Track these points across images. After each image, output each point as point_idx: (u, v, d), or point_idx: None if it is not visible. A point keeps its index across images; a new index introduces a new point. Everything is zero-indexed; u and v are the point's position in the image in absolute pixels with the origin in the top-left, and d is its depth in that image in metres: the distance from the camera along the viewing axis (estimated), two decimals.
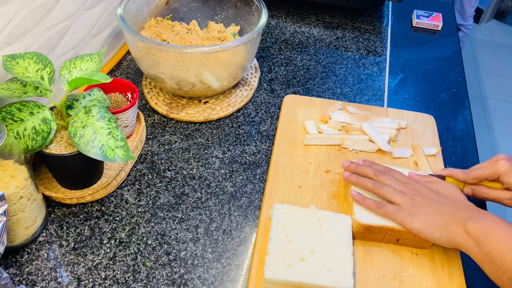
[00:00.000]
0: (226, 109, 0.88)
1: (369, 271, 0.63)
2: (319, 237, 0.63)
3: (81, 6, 0.82)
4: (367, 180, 0.68)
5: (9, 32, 0.66)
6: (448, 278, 0.62)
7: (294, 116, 0.86)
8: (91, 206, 0.71)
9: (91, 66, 0.69)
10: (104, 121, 0.63)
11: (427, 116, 0.87)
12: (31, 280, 0.61)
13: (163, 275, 0.63)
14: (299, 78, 0.98)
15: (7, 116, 0.61)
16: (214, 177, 0.76)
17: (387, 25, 1.18)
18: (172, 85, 0.84)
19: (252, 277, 0.61)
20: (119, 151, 0.62)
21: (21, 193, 0.60)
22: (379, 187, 0.66)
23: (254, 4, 0.90)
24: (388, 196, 0.65)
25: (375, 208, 0.65)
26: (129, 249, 0.65)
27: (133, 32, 0.78)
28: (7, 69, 0.63)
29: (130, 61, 1.00)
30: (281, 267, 0.59)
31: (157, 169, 0.77)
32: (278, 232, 0.63)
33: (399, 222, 0.63)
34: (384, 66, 1.03)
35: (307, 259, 0.60)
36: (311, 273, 0.59)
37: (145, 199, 0.72)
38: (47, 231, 0.67)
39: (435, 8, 1.23)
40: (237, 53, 0.81)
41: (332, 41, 1.10)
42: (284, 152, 0.79)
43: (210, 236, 0.68)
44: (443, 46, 1.12)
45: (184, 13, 0.99)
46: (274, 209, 0.66)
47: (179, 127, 0.85)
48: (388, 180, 0.67)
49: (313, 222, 0.64)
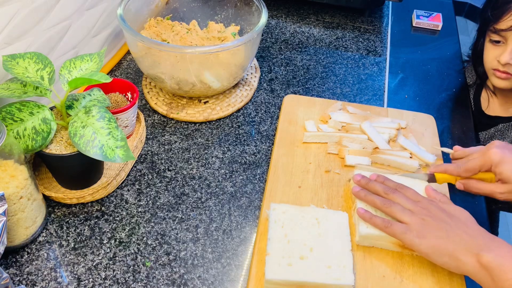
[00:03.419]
0: (226, 109, 0.88)
1: (369, 271, 0.63)
2: (317, 235, 0.63)
3: (81, 6, 0.82)
4: (376, 197, 0.65)
5: (9, 32, 0.66)
6: (448, 279, 0.62)
7: (294, 116, 0.86)
8: (91, 206, 0.71)
9: (91, 66, 0.69)
10: (104, 121, 0.63)
11: (427, 116, 0.87)
12: (31, 280, 0.61)
13: (163, 275, 0.63)
14: (299, 78, 0.98)
15: (7, 116, 0.61)
16: (214, 177, 0.76)
17: (387, 25, 1.18)
18: (172, 85, 0.84)
19: (252, 277, 0.61)
20: (119, 151, 0.62)
21: (21, 193, 0.60)
22: (387, 205, 0.63)
23: (254, 4, 0.90)
24: (396, 215, 0.62)
25: (382, 227, 0.62)
26: (129, 249, 0.65)
27: (133, 32, 0.78)
28: (7, 69, 0.63)
29: (130, 61, 1.00)
30: (281, 267, 0.59)
31: (157, 169, 0.77)
32: (277, 232, 0.63)
33: (407, 243, 0.60)
34: (384, 66, 1.03)
35: (307, 257, 0.60)
36: (312, 271, 0.59)
37: (145, 199, 0.72)
38: (47, 231, 0.67)
39: (435, 8, 1.23)
40: (237, 53, 0.81)
41: (332, 41, 1.10)
42: (284, 152, 0.79)
43: (210, 236, 0.68)
44: (443, 46, 1.12)
45: (184, 13, 0.99)
46: (271, 209, 0.66)
47: (179, 127, 0.85)
48: (398, 198, 0.64)
49: (310, 220, 0.65)
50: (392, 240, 0.63)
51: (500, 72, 0.88)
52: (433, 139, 0.83)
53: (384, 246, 0.65)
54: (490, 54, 0.89)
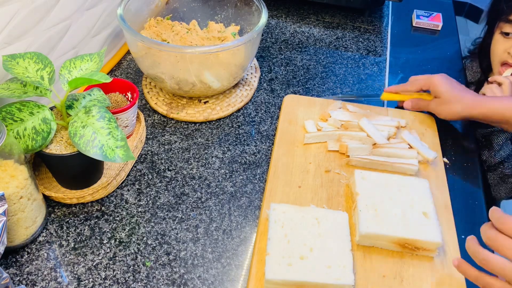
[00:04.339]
0: (226, 109, 0.88)
1: (369, 271, 0.63)
2: (317, 235, 0.63)
3: (81, 6, 0.82)
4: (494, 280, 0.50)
5: (9, 32, 0.66)
6: (448, 279, 0.62)
7: (294, 116, 0.86)
8: (91, 206, 0.71)
9: (91, 66, 0.69)
10: (104, 121, 0.63)
11: (427, 116, 0.87)
12: (31, 280, 0.61)
13: (163, 275, 0.63)
14: (299, 78, 0.98)
15: (7, 116, 0.61)
16: (214, 177, 0.76)
17: (387, 25, 1.18)
18: (172, 85, 0.84)
19: (252, 277, 0.61)
20: (119, 151, 0.62)
21: (21, 193, 0.60)
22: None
23: (254, 4, 0.90)
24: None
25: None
26: (129, 249, 0.65)
27: (133, 32, 0.78)
28: (7, 69, 0.63)
29: (130, 61, 1.00)
30: (281, 267, 0.59)
31: (157, 169, 0.77)
32: (277, 232, 0.63)
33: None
34: (384, 66, 1.03)
35: (307, 257, 0.60)
36: (312, 271, 0.59)
37: (145, 199, 0.72)
38: (47, 231, 0.67)
39: (435, 8, 1.23)
40: (237, 53, 0.81)
41: (332, 41, 1.10)
42: (284, 152, 0.79)
43: (210, 236, 0.68)
44: (443, 46, 1.12)
45: (184, 13, 0.99)
46: (271, 209, 0.66)
47: (179, 127, 0.85)
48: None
49: (310, 220, 0.65)
50: (392, 239, 0.63)
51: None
52: (433, 139, 0.83)
53: (384, 246, 0.65)
54: (501, 46, 0.90)
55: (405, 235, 0.63)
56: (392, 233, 0.63)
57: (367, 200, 0.67)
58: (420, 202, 0.68)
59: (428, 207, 0.67)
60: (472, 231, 0.71)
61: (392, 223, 0.64)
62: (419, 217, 0.65)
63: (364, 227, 0.64)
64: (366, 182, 0.70)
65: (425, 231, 0.64)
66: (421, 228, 0.64)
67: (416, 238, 0.63)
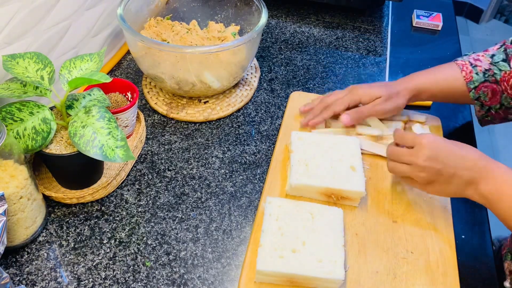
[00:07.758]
0: (226, 109, 0.88)
1: (362, 266, 0.63)
2: (311, 230, 0.63)
3: (81, 6, 0.82)
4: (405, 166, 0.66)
5: (9, 32, 0.66)
6: (442, 278, 0.63)
7: (299, 112, 0.86)
8: (91, 206, 0.71)
9: (91, 66, 0.69)
10: (104, 121, 0.63)
11: (432, 117, 0.87)
12: (31, 280, 0.61)
13: (163, 275, 0.63)
14: (299, 78, 0.98)
15: (7, 116, 0.61)
16: (214, 177, 0.76)
17: (387, 25, 1.18)
18: (172, 85, 0.84)
19: (246, 267, 0.62)
20: (119, 151, 0.62)
21: (21, 193, 0.60)
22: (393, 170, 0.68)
23: (254, 4, 0.90)
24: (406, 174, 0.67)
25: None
26: (129, 249, 0.65)
27: (133, 32, 0.78)
28: (7, 69, 0.63)
29: (130, 61, 1.00)
30: (273, 259, 0.60)
31: (157, 169, 0.77)
32: (271, 225, 0.64)
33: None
34: (384, 66, 1.03)
35: (299, 251, 0.61)
36: (303, 264, 0.59)
37: (145, 199, 0.72)
38: (47, 231, 0.67)
39: (435, 8, 1.23)
40: (237, 53, 0.81)
41: (332, 41, 1.10)
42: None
43: (210, 236, 0.68)
44: (443, 46, 1.12)
45: (184, 13, 0.99)
46: (267, 202, 0.67)
47: (179, 127, 0.85)
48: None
49: (305, 214, 0.65)
50: (319, 190, 0.69)
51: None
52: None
53: (312, 196, 0.71)
54: None
55: (331, 185, 0.68)
56: (320, 184, 0.68)
57: (299, 156, 0.72)
58: (349, 158, 0.72)
59: (356, 162, 0.72)
60: (472, 231, 0.71)
61: (320, 175, 0.69)
62: (346, 170, 0.71)
63: (294, 179, 0.68)
64: (302, 142, 0.74)
65: (351, 182, 0.69)
66: (347, 179, 0.69)
67: (342, 188, 0.68)
